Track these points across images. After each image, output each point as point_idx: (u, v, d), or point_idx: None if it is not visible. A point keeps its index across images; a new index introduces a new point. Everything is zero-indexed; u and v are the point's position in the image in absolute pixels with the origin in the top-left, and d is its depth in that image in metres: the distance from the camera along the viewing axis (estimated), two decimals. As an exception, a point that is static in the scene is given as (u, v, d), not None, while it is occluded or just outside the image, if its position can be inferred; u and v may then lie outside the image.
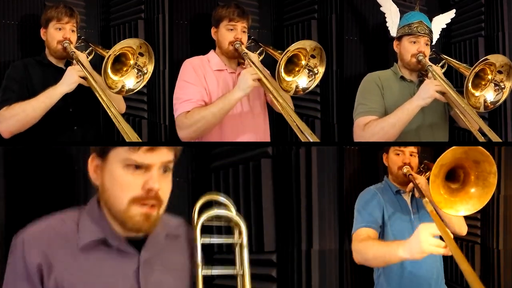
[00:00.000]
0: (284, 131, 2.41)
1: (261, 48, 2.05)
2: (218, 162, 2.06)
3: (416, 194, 1.79)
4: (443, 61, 2.08)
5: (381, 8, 2.23)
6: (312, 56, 1.84)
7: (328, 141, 2.27)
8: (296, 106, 2.02)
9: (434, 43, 2.16)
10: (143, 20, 2.36)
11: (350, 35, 2.34)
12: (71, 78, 1.82)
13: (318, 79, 1.86)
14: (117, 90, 1.77)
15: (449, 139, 2.15)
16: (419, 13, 2.10)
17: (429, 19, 2.09)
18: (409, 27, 2.05)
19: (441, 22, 2.32)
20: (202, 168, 2.11)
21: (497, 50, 2.32)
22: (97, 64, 1.93)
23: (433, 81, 1.89)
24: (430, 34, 2.05)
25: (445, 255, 1.39)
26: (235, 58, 2.04)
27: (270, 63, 2.13)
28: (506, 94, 1.85)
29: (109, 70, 1.73)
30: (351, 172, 2.12)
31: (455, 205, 1.56)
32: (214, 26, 2.03)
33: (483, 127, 1.76)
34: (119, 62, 1.77)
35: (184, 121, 1.89)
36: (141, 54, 1.77)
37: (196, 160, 2.10)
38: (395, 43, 2.12)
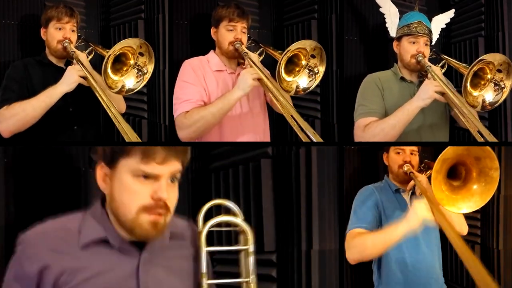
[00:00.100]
0: (284, 131, 2.41)
1: (261, 48, 2.05)
2: (218, 163, 2.06)
3: (417, 192, 1.79)
4: (443, 61, 2.08)
5: (380, 9, 2.23)
6: (312, 56, 1.84)
7: (328, 141, 2.26)
8: (296, 106, 2.01)
9: (433, 43, 2.16)
10: (143, 20, 2.36)
11: (350, 35, 2.34)
12: (71, 77, 1.82)
13: (319, 79, 1.86)
14: (117, 90, 1.77)
15: (449, 139, 2.15)
16: (418, 13, 2.10)
17: (429, 19, 2.09)
18: (408, 28, 2.04)
19: (440, 22, 2.32)
20: (202, 168, 2.11)
21: (497, 50, 2.32)
22: (97, 64, 1.93)
23: (432, 81, 1.89)
24: (429, 34, 2.05)
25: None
26: (235, 58, 2.03)
27: (270, 63, 2.13)
28: (506, 93, 1.84)
29: (109, 70, 1.73)
30: (351, 172, 2.12)
31: (457, 202, 1.56)
32: (214, 27, 2.03)
33: (481, 129, 1.75)
34: (119, 62, 1.77)
35: (183, 121, 1.89)
36: (141, 54, 1.77)
37: (196, 160, 2.10)
38: (395, 44, 2.12)
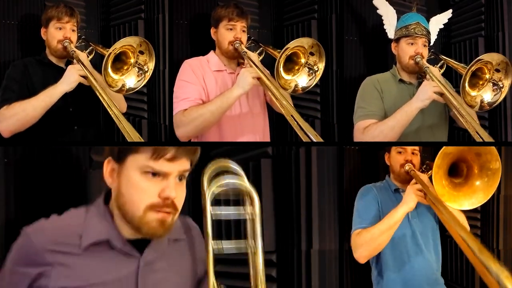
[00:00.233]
0: (284, 131, 2.41)
1: (261, 48, 2.05)
2: (218, 162, 2.06)
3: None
4: (442, 61, 2.08)
5: (377, 10, 2.23)
6: (311, 53, 1.84)
7: (328, 141, 2.26)
8: (296, 106, 2.01)
9: (432, 44, 2.16)
10: (143, 20, 2.36)
11: (350, 35, 2.34)
12: (71, 77, 1.82)
13: (319, 76, 1.86)
14: (117, 88, 1.76)
15: (449, 139, 2.15)
16: (416, 14, 2.10)
17: (428, 19, 2.09)
18: (406, 29, 2.04)
19: (438, 22, 2.31)
20: (201, 168, 2.10)
21: (497, 50, 2.32)
22: (97, 64, 1.93)
23: (431, 82, 1.89)
24: (427, 35, 2.05)
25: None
26: (235, 58, 2.03)
27: (270, 63, 2.13)
28: (504, 93, 1.84)
29: (109, 69, 1.73)
30: (351, 172, 2.12)
31: (459, 199, 1.57)
32: (213, 27, 2.03)
33: (479, 130, 1.75)
34: (120, 61, 1.77)
35: (181, 119, 1.88)
36: (141, 52, 1.76)
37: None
38: (393, 45, 2.11)
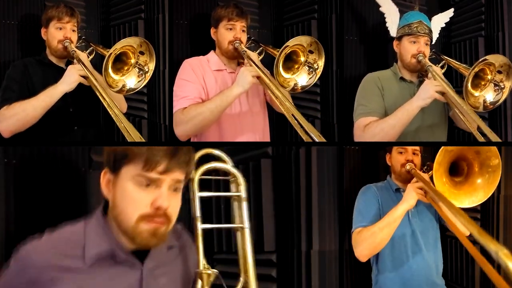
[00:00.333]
0: (284, 131, 2.41)
1: (260, 47, 2.05)
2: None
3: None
4: (443, 61, 2.08)
5: (380, 8, 2.23)
6: (310, 51, 1.84)
7: (328, 141, 2.26)
8: (296, 106, 2.00)
9: (433, 43, 2.16)
10: (143, 20, 2.36)
11: (350, 35, 2.34)
12: (72, 77, 1.82)
13: (319, 74, 1.86)
14: (117, 89, 1.76)
15: (448, 140, 2.15)
16: (419, 13, 2.10)
17: (428, 19, 2.09)
18: (409, 27, 2.04)
19: (440, 22, 2.32)
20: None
21: (497, 50, 2.32)
22: (97, 64, 1.93)
23: (432, 81, 1.89)
24: (430, 34, 2.05)
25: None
26: (235, 58, 2.03)
27: (270, 63, 2.12)
28: (505, 94, 1.85)
29: (110, 69, 1.73)
30: (351, 172, 2.12)
31: (459, 197, 1.59)
32: (213, 27, 2.03)
33: (483, 128, 1.76)
34: (120, 61, 1.77)
35: (181, 117, 1.88)
36: (141, 53, 1.76)
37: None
38: (395, 43, 2.11)
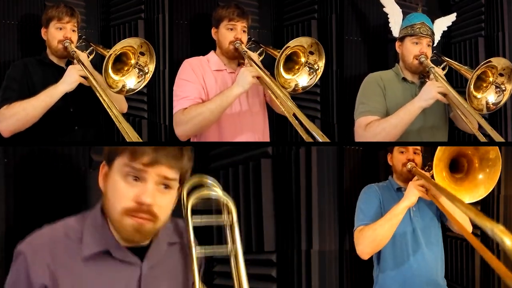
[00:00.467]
0: (284, 131, 2.41)
1: (261, 48, 2.05)
2: (218, 162, 2.06)
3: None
4: (444, 63, 2.08)
5: (384, 8, 2.23)
6: (310, 52, 1.84)
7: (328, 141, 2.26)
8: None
9: (435, 45, 2.16)
10: (143, 20, 2.36)
11: (350, 35, 2.34)
12: (72, 77, 1.82)
13: (319, 75, 1.86)
14: (117, 89, 1.76)
15: (449, 141, 2.15)
16: (422, 14, 2.10)
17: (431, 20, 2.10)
18: (411, 28, 2.04)
19: (442, 24, 2.33)
20: (201, 168, 2.10)
21: (497, 50, 2.32)
22: (97, 64, 1.93)
23: (435, 82, 1.89)
24: (432, 35, 2.05)
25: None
26: (235, 58, 2.03)
27: (270, 64, 2.13)
28: (506, 96, 1.86)
29: (110, 70, 1.72)
30: (351, 172, 2.12)
31: (460, 193, 1.61)
32: (214, 27, 2.03)
33: (486, 127, 1.76)
34: (120, 62, 1.77)
35: (181, 117, 1.88)
36: (142, 54, 1.76)
37: (195, 160, 2.10)
38: (397, 44, 2.11)
